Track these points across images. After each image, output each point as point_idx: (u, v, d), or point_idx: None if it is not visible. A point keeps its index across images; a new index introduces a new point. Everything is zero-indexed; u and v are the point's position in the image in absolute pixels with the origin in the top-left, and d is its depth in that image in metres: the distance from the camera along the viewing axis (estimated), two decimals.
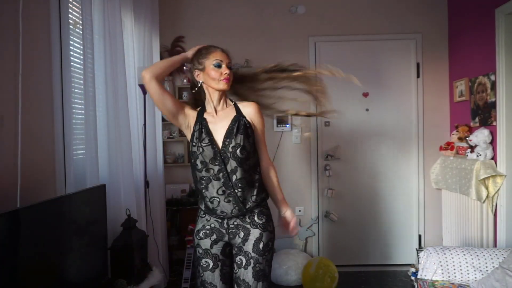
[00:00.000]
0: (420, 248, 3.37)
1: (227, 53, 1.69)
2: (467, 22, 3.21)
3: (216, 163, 1.61)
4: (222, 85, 1.65)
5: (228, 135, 1.63)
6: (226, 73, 1.64)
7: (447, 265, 2.25)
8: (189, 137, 1.69)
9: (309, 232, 3.56)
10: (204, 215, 1.70)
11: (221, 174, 1.60)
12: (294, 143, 3.63)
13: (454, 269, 2.24)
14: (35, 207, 1.52)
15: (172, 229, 3.44)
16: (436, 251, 2.33)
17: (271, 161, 1.81)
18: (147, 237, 2.40)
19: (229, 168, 1.61)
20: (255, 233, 1.64)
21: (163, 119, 3.48)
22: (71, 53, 2.01)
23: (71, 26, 2.02)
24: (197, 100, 1.76)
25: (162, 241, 3.11)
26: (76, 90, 2.10)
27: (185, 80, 3.56)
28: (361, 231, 3.62)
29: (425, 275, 2.30)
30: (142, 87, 2.79)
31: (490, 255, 2.25)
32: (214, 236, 1.66)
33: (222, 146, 1.62)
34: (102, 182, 2.15)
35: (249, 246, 1.63)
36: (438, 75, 3.57)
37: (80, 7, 2.09)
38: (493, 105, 2.79)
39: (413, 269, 3.19)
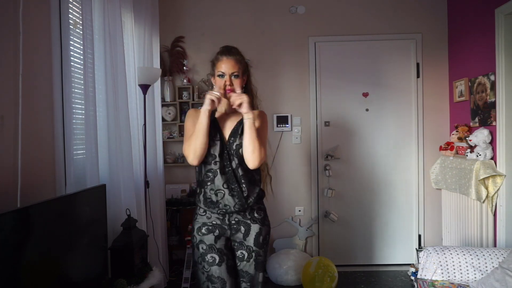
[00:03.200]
0: (419, 248, 3.38)
1: (235, 60, 1.72)
2: (467, 22, 3.21)
3: (223, 158, 1.72)
4: (225, 95, 1.74)
5: (233, 134, 1.75)
6: (227, 84, 1.71)
7: (447, 265, 2.25)
8: None
9: (309, 232, 3.56)
10: (204, 213, 1.76)
11: (226, 169, 1.71)
12: (294, 143, 3.63)
13: (454, 269, 2.24)
14: (35, 207, 1.52)
15: (172, 229, 3.44)
16: (436, 251, 2.33)
17: (265, 154, 1.73)
18: (147, 237, 2.40)
19: (233, 164, 1.72)
20: (255, 228, 1.76)
21: (163, 119, 3.49)
22: (71, 53, 2.01)
23: (71, 26, 2.02)
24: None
25: (162, 241, 3.11)
26: (76, 90, 2.10)
27: (185, 80, 3.56)
28: (361, 231, 3.63)
29: (425, 275, 2.30)
30: (142, 87, 2.79)
31: (490, 255, 2.25)
32: (217, 232, 1.74)
33: (227, 144, 1.74)
34: (102, 182, 2.15)
35: (250, 241, 1.75)
36: (438, 75, 3.58)
37: (80, 7, 2.09)
38: (492, 105, 2.79)
39: (412, 269, 3.19)
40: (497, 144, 2.75)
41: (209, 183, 1.71)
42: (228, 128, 1.77)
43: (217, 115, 1.80)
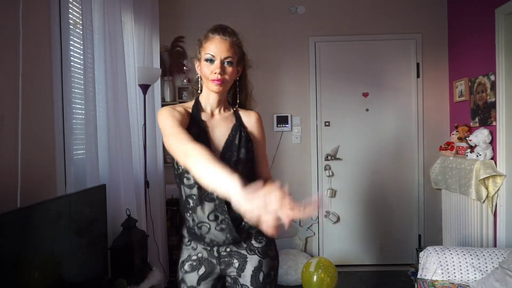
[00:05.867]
0: (420, 248, 3.37)
1: (231, 43, 1.29)
2: (467, 22, 3.21)
3: None
4: (211, 86, 1.28)
5: (229, 147, 1.29)
6: (215, 73, 1.24)
7: (447, 265, 2.25)
8: None
9: (309, 232, 3.56)
10: (189, 243, 1.37)
11: (214, 195, 1.24)
12: (294, 143, 3.63)
13: (454, 269, 2.24)
14: (36, 207, 1.52)
15: (172, 229, 3.44)
16: (436, 251, 2.33)
17: (271, 176, 1.45)
18: (147, 237, 2.40)
19: None
20: (253, 260, 1.32)
21: None
22: (71, 53, 2.01)
23: (71, 26, 2.02)
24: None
25: (162, 241, 3.11)
26: (76, 90, 2.10)
27: (185, 80, 3.56)
28: (361, 231, 3.63)
29: (425, 275, 2.30)
30: (142, 87, 2.79)
31: (490, 255, 2.25)
32: (203, 269, 1.33)
33: (221, 159, 1.23)
34: (102, 182, 2.15)
35: (246, 278, 1.30)
36: (438, 75, 3.57)
37: (80, 7, 2.10)
38: (493, 105, 2.79)
39: (413, 269, 3.19)
40: (497, 144, 2.75)
41: (190, 212, 1.30)
42: (218, 139, 1.30)
43: (203, 116, 1.33)
